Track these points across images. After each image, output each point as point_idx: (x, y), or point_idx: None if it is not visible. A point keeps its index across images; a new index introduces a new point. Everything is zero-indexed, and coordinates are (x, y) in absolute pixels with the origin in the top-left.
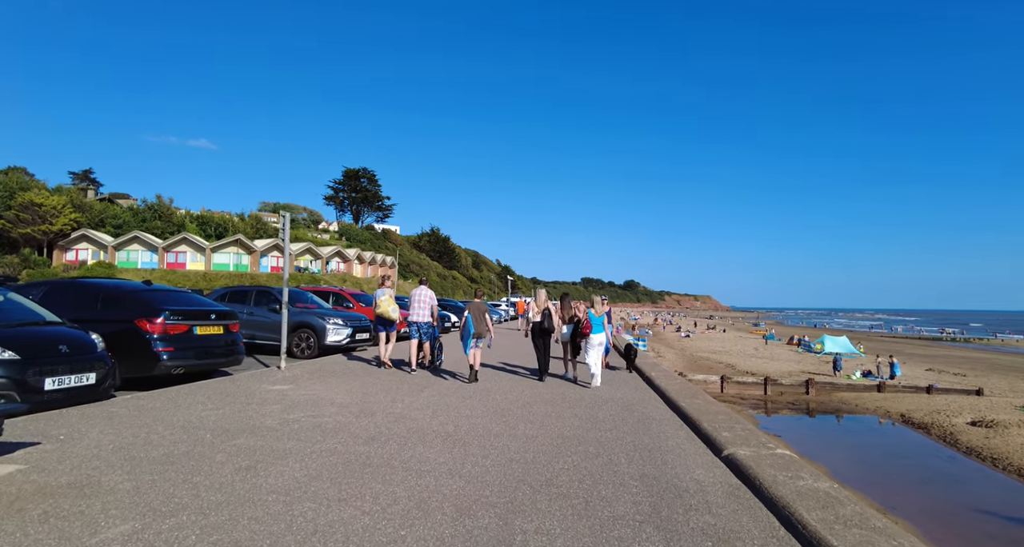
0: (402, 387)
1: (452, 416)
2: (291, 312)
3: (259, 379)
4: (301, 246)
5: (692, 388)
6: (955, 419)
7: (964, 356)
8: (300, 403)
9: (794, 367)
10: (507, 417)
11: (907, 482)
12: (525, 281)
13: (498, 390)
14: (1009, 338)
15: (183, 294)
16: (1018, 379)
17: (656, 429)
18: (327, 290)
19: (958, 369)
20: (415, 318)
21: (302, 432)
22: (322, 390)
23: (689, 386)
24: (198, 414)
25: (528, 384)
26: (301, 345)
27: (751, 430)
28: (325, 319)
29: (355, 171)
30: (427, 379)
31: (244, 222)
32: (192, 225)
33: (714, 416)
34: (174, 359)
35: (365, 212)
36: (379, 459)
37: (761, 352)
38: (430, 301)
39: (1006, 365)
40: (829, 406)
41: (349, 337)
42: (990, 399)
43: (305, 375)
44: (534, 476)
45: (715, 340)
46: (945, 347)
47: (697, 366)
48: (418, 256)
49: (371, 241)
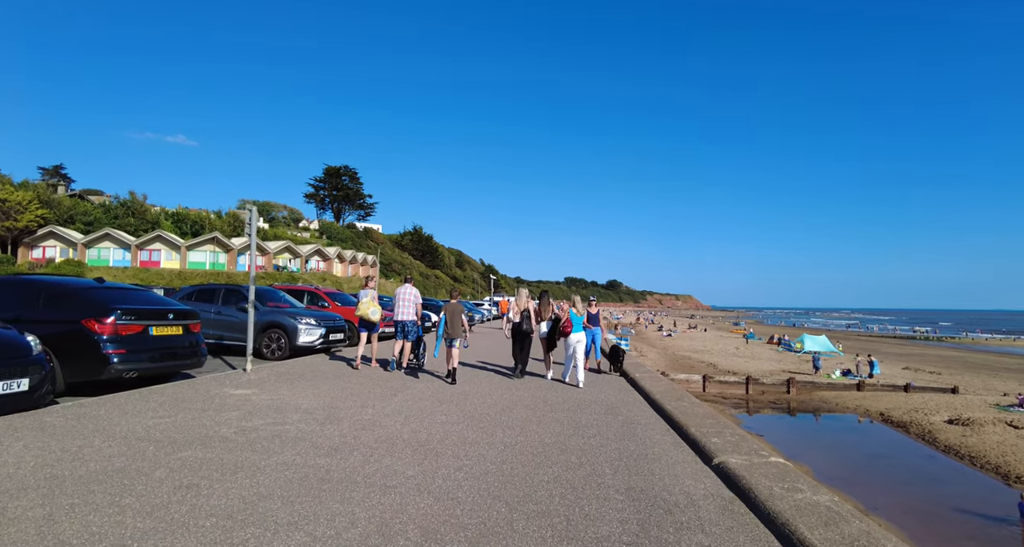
0: (375, 391)
1: (425, 422)
2: (261, 311)
3: (222, 382)
4: (280, 244)
5: (677, 390)
6: (933, 417)
7: (938, 354)
8: (262, 409)
9: (775, 366)
10: (484, 423)
11: (888, 482)
12: (509, 280)
13: (476, 393)
14: (979, 337)
15: (138, 292)
16: (990, 377)
17: (642, 435)
18: (301, 289)
19: (933, 367)
20: (400, 317)
21: (259, 442)
22: (288, 394)
23: (674, 387)
24: (145, 423)
25: (508, 386)
26: (271, 346)
27: (741, 436)
28: (297, 319)
29: (336, 169)
30: (403, 382)
31: (221, 220)
32: (167, 223)
33: (701, 420)
34: (126, 362)
35: (346, 210)
36: (340, 473)
37: (742, 351)
38: (415, 300)
39: (978, 363)
40: (810, 405)
41: (322, 338)
42: (965, 397)
43: (272, 378)
44: (511, 491)
45: (696, 339)
46: (919, 346)
47: (679, 365)
48: (400, 255)
49: (352, 240)
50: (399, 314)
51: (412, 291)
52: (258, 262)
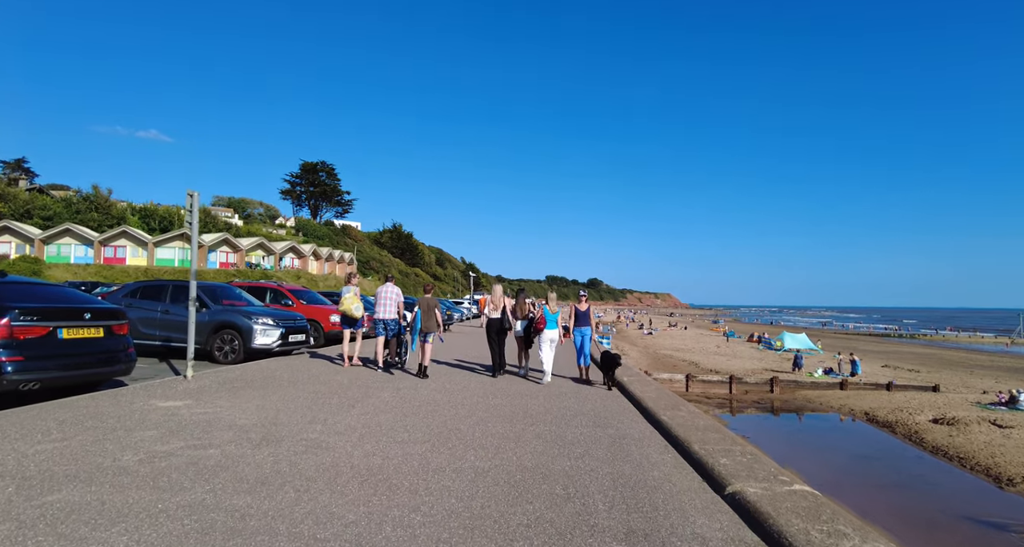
0: (331, 400)
1: (383, 442)
2: (212, 310)
3: (152, 392)
4: (253, 241)
5: (671, 396)
6: (917, 417)
7: (913, 352)
8: (187, 426)
9: (757, 365)
10: (453, 441)
11: (878, 485)
12: (490, 279)
13: (448, 402)
14: (950, 334)
15: (48, 288)
16: (967, 374)
17: (637, 454)
18: (263, 286)
19: (911, 365)
20: (382, 315)
21: (166, 474)
22: (226, 407)
23: (667, 393)
24: (24, 450)
25: (484, 391)
26: (224, 348)
27: (754, 454)
28: (252, 318)
29: (313, 164)
30: (366, 389)
31: None
32: (134, 218)
33: (704, 433)
34: (25, 371)
35: (324, 207)
36: (258, 521)
37: (723, 349)
38: (396, 298)
39: (953, 360)
40: (794, 404)
41: (281, 339)
42: (946, 395)
43: (215, 386)
44: (480, 541)
45: (677, 337)
46: (894, 343)
47: (661, 364)
48: (379, 253)
49: (329, 237)
50: (380, 312)
51: (394, 290)
52: (230, 259)
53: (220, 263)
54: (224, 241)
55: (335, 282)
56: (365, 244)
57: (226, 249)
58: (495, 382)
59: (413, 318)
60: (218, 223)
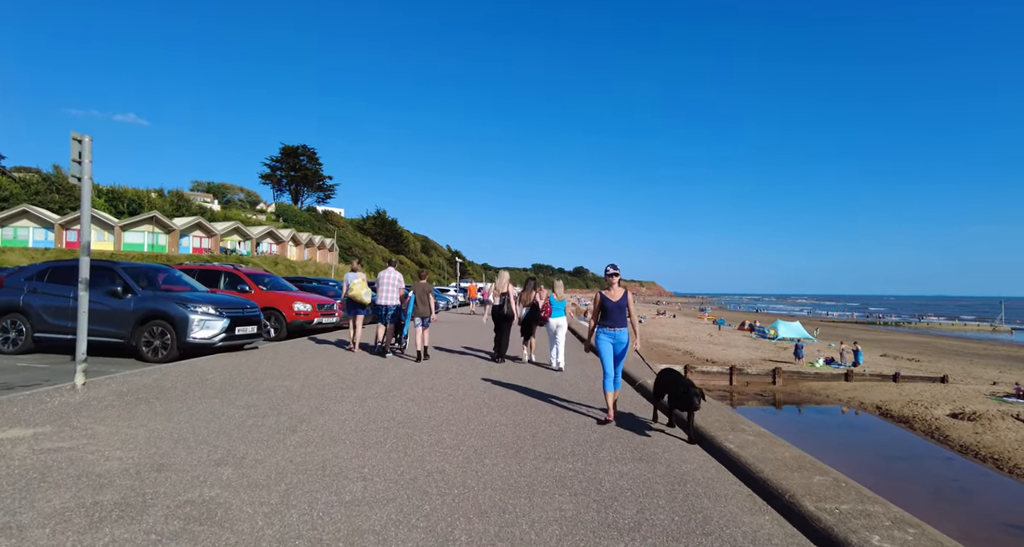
0: (266, 420)
1: (319, 506)
2: (140, 296)
3: (4, 411)
4: (228, 225)
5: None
6: (934, 411)
7: (905, 340)
8: (10, 476)
9: (754, 354)
10: (430, 503)
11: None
12: (476, 267)
13: (429, 421)
14: (933, 321)
15: None
16: (967, 364)
17: (718, 518)
18: (217, 269)
19: (910, 354)
20: (384, 300)
21: None
22: (101, 436)
23: (719, 405)
24: None
25: (480, 402)
26: (153, 343)
27: (921, 529)
28: (188, 307)
29: (294, 148)
30: (320, 398)
31: (163, 199)
32: (100, 200)
33: (803, 475)
34: None
35: (305, 192)
36: None
37: (716, 338)
38: (398, 284)
39: (948, 349)
40: (798, 397)
41: (225, 332)
42: (956, 387)
43: (108, 398)
44: None
45: (667, 326)
46: (884, 331)
47: (655, 354)
48: (362, 239)
49: (310, 223)
50: (382, 298)
51: (396, 275)
52: (204, 245)
53: (193, 248)
54: (197, 225)
55: (314, 268)
56: (348, 230)
57: (200, 234)
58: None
59: (407, 303)
60: (191, 207)
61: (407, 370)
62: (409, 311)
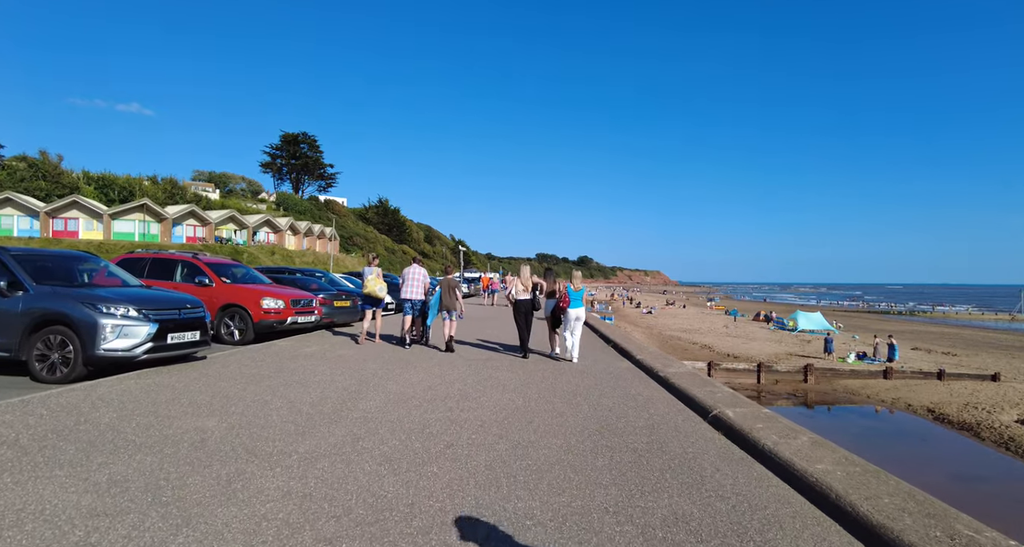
0: (116, 524)
1: None
2: (33, 294)
3: None
4: (223, 214)
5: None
6: (999, 416)
7: (930, 331)
8: None
9: (777, 348)
10: None
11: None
12: (480, 256)
13: (419, 515)
14: (949, 311)
15: None
16: (1009, 357)
17: None
18: (174, 258)
19: (943, 347)
20: (408, 295)
21: None
22: None
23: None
24: None
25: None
26: (50, 357)
27: None
28: (98, 307)
29: (294, 136)
30: (243, 464)
31: (156, 186)
32: (88, 188)
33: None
34: None
35: (306, 181)
36: None
37: (733, 330)
38: (423, 279)
39: (978, 341)
40: (833, 396)
41: (151, 340)
42: (1011, 386)
43: None
44: None
45: (679, 316)
46: (902, 322)
47: (671, 347)
48: (364, 228)
49: (311, 212)
50: (407, 292)
51: (420, 271)
52: (198, 234)
53: (187, 237)
54: (191, 213)
55: (312, 258)
56: (349, 220)
57: (193, 222)
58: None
59: (434, 295)
60: (186, 195)
61: (395, 392)
62: (435, 304)
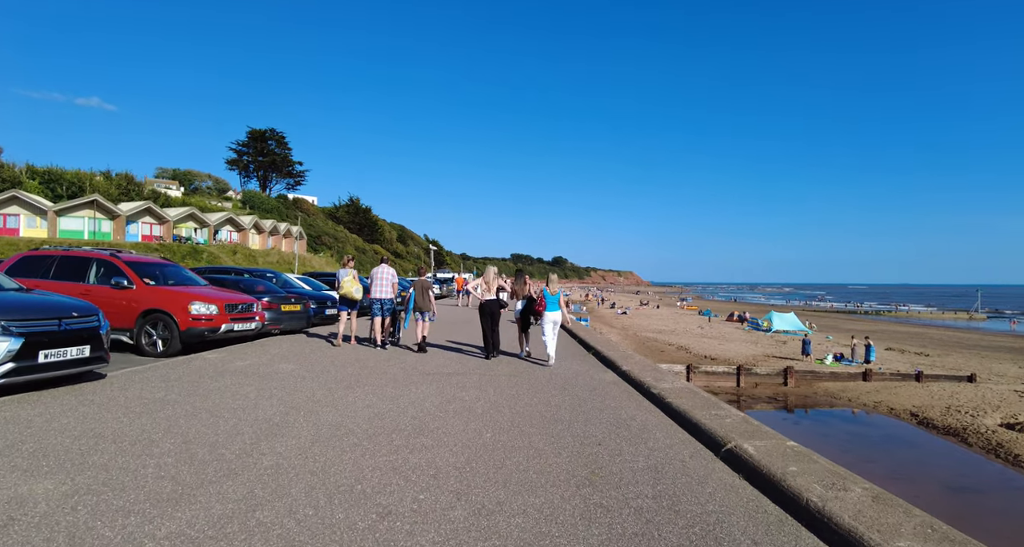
0: None
1: None
2: None
3: None
4: (182, 211)
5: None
6: (983, 420)
7: (899, 331)
8: None
9: (754, 349)
10: None
11: None
12: (454, 257)
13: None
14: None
15: None
16: (979, 358)
17: None
18: (86, 256)
19: (916, 348)
20: (378, 295)
21: None
22: None
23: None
24: None
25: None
26: None
27: None
28: None
29: (262, 132)
30: None
31: (109, 182)
32: (33, 182)
33: None
34: None
35: (274, 178)
36: None
37: (708, 331)
38: (392, 278)
39: (949, 341)
40: (814, 400)
41: (12, 360)
42: (988, 387)
43: None
44: None
45: (653, 317)
46: (869, 322)
47: (649, 349)
48: (334, 228)
49: (279, 210)
50: (376, 292)
51: (389, 270)
52: (155, 232)
53: (143, 236)
54: (147, 211)
55: (277, 258)
56: (319, 218)
57: (150, 220)
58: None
59: (407, 298)
60: (143, 192)
61: (330, 423)
62: (410, 306)
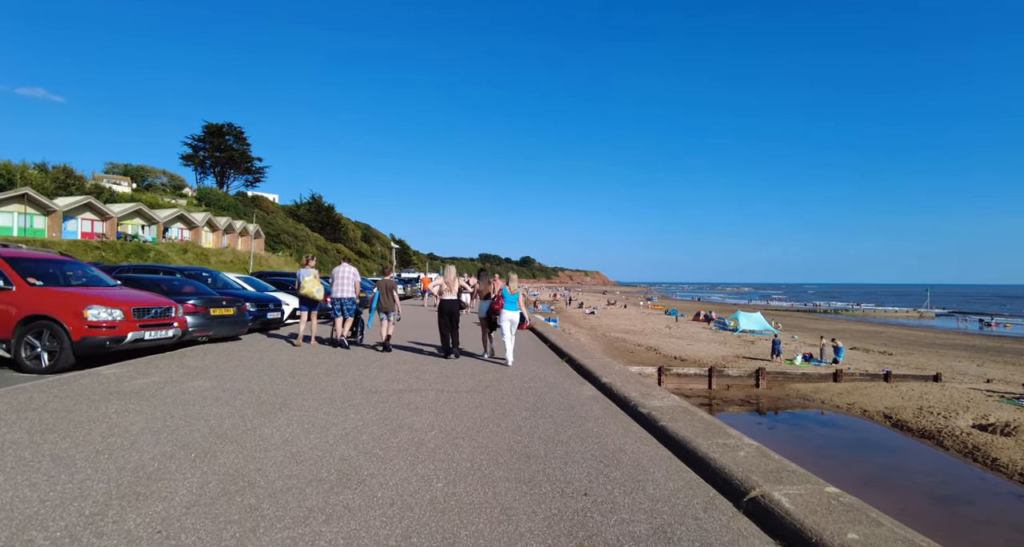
0: None
1: None
2: None
3: None
4: (128, 208)
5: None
6: (956, 422)
7: (860, 330)
8: None
9: (723, 350)
10: None
11: None
12: (421, 257)
13: None
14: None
15: None
16: (939, 356)
17: None
18: None
19: (880, 347)
20: (339, 294)
21: None
22: None
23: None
24: None
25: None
26: None
27: None
28: None
29: (219, 127)
30: None
31: (44, 174)
32: None
33: None
34: None
35: (231, 175)
36: None
37: (675, 331)
38: (353, 278)
39: (908, 340)
40: (787, 402)
41: None
42: (953, 386)
43: None
44: None
45: (621, 317)
46: (830, 320)
47: (617, 350)
48: (295, 226)
49: (236, 207)
50: (338, 292)
51: (350, 270)
52: (97, 229)
53: (83, 233)
54: (87, 206)
55: (232, 257)
56: (279, 216)
57: (91, 216)
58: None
59: (372, 298)
60: (84, 187)
61: (226, 472)
62: (373, 305)
